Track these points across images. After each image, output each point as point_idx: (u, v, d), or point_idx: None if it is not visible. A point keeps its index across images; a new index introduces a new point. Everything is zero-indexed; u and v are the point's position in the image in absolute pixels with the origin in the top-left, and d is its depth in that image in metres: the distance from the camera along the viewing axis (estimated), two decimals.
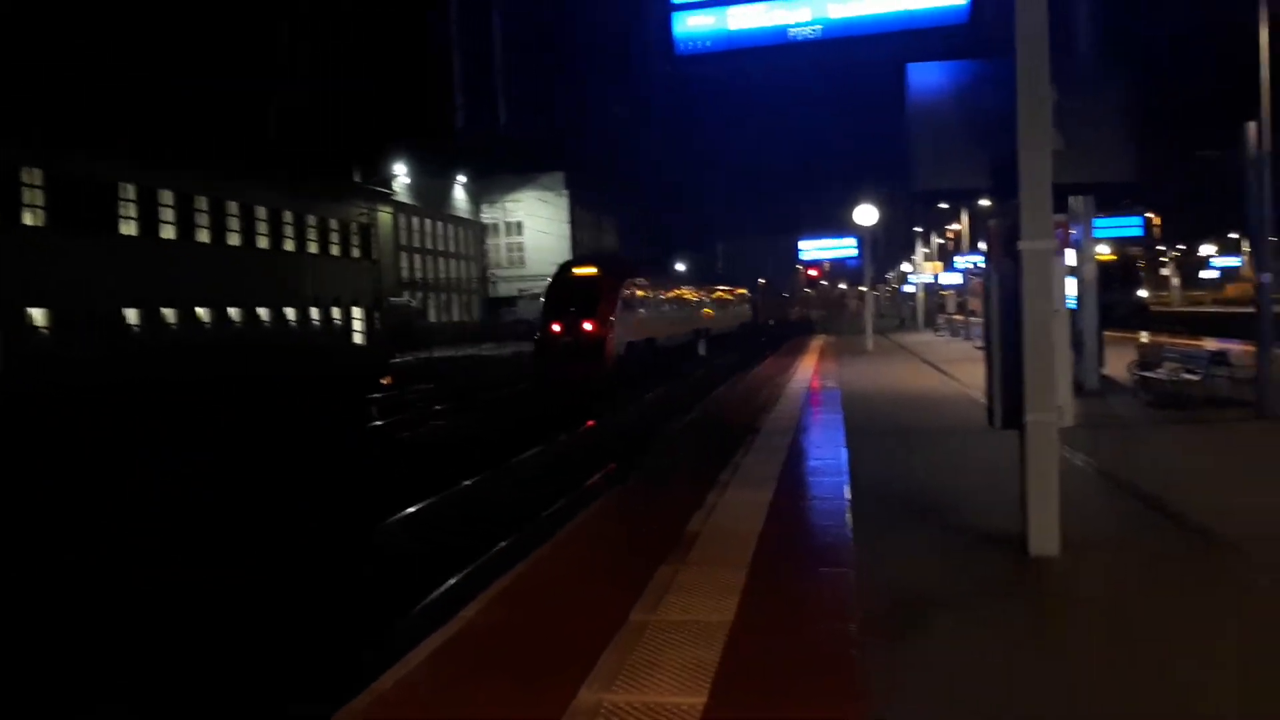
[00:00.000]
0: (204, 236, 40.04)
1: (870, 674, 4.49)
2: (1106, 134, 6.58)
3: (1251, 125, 11.56)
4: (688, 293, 46.88)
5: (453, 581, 10.30)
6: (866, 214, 30.81)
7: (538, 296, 71.61)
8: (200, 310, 39.04)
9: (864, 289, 36.85)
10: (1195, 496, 7.78)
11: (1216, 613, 5.23)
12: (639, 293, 35.38)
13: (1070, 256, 14.60)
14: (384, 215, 59.89)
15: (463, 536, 12.00)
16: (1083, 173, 6.48)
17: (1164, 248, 79.20)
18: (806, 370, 24.13)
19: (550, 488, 14.85)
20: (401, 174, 61.73)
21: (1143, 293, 52.37)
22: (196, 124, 37.77)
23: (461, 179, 76.90)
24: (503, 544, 11.62)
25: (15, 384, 27.29)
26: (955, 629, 5.11)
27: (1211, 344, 16.29)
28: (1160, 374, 13.94)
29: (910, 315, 55.64)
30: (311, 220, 48.79)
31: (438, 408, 25.45)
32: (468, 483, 15.11)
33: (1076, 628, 5.18)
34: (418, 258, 68.34)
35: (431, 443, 19.34)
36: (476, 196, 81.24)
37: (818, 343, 39.12)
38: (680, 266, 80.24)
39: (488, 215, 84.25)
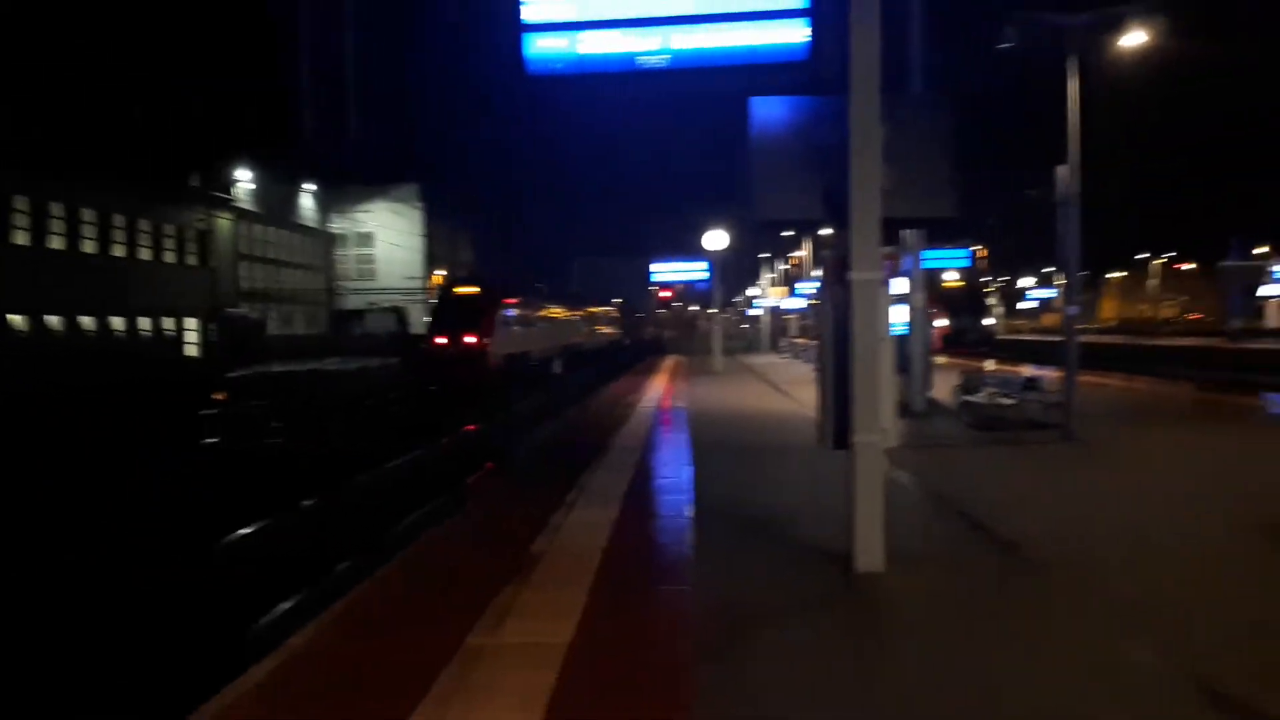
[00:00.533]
0: (21, 239, 37.13)
1: (703, 693, 4.59)
2: (931, 172, 6.99)
3: (1062, 169, 12.57)
4: (562, 311, 50.18)
5: (286, 606, 9.89)
6: (716, 239, 31.60)
7: (389, 310, 70.05)
8: (15, 318, 36.12)
9: (713, 311, 37.73)
10: (1007, 514, 8.33)
11: (1024, 624, 5.60)
12: (516, 310, 38.00)
13: (904, 284, 15.43)
14: (223, 222, 57.07)
15: (299, 559, 11.54)
16: (909, 208, 6.87)
17: (989, 278, 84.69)
18: (657, 390, 24.48)
19: (394, 508, 14.48)
20: (244, 180, 59.05)
21: (990, 320, 50.93)
22: (17, 120, 35.05)
23: (309, 187, 74.23)
24: (343, 566, 11.25)
25: None
26: (783, 646, 5.28)
27: (1027, 370, 17.53)
28: (980, 398, 14.89)
29: (756, 338, 57.34)
30: (144, 225, 45.99)
31: (275, 424, 24.38)
32: (307, 503, 14.55)
33: (897, 642, 5.42)
34: (259, 267, 65.44)
35: (267, 461, 18.51)
36: (325, 206, 78.51)
37: (669, 363, 39.74)
38: (537, 284, 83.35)
39: (337, 225, 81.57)
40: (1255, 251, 58.78)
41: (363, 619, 5.94)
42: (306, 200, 75.16)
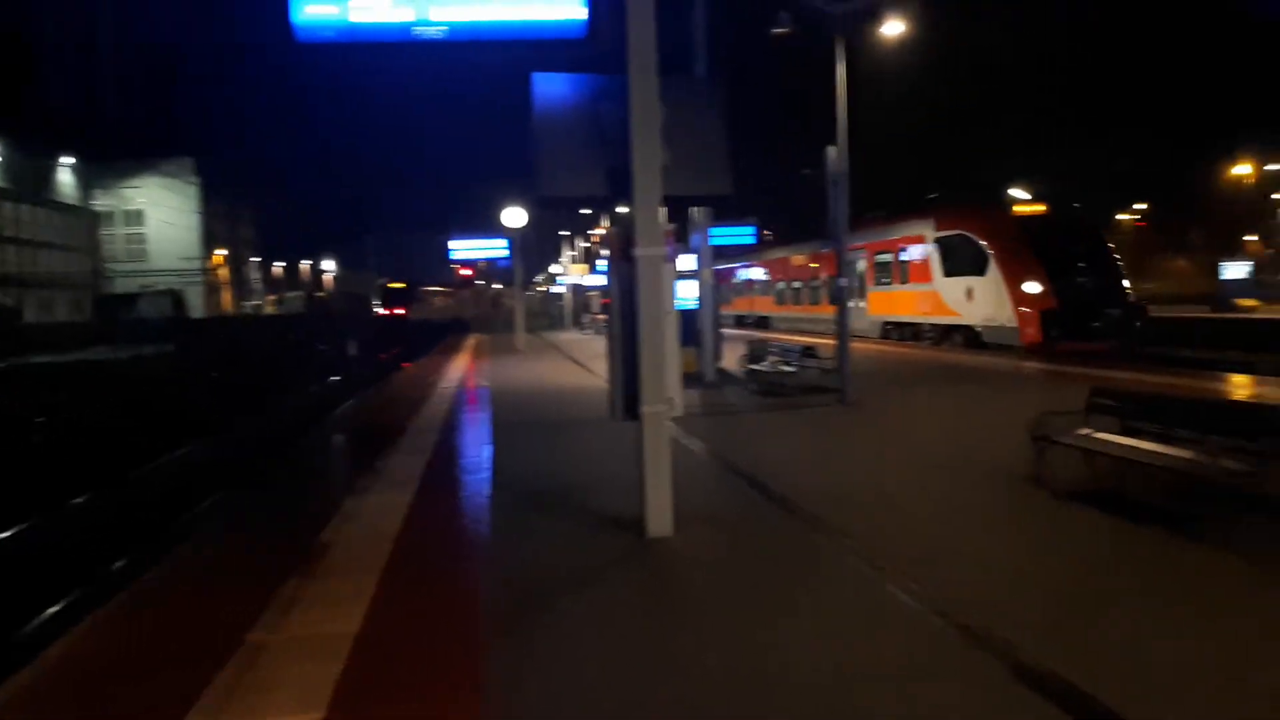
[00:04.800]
0: None
1: (495, 669, 4.62)
2: (709, 152, 7.25)
3: (831, 149, 13.32)
4: (451, 292, 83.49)
5: (51, 612, 9.18)
6: (515, 216, 31.35)
7: (164, 293, 65.09)
8: None
9: (515, 288, 37.52)
10: (785, 474, 8.84)
11: (799, 578, 5.96)
12: (424, 295, 75.23)
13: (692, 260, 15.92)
14: None
15: (66, 562, 10.69)
16: (689, 186, 7.09)
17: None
18: (460, 368, 24.15)
19: (173, 501, 13.64)
20: None
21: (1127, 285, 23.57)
22: None
23: (67, 161, 67.56)
24: (117, 564, 10.57)
25: None
26: (578, 616, 5.38)
27: (805, 340, 18.51)
28: (764, 366, 15.66)
29: (559, 314, 57.57)
30: None
31: (39, 420, 22.24)
32: (77, 501, 13.48)
33: (685, 602, 5.64)
34: (11, 249, 59.19)
35: (28, 459, 16.88)
36: (87, 182, 71.79)
37: (472, 341, 39.25)
38: (328, 262, 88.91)
39: (101, 203, 74.84)
40: None
41: (133, 621, 5.58)
42: (65, 176, 68.43)
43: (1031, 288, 21.72)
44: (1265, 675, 4.30)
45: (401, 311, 66.86)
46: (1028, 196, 23.72)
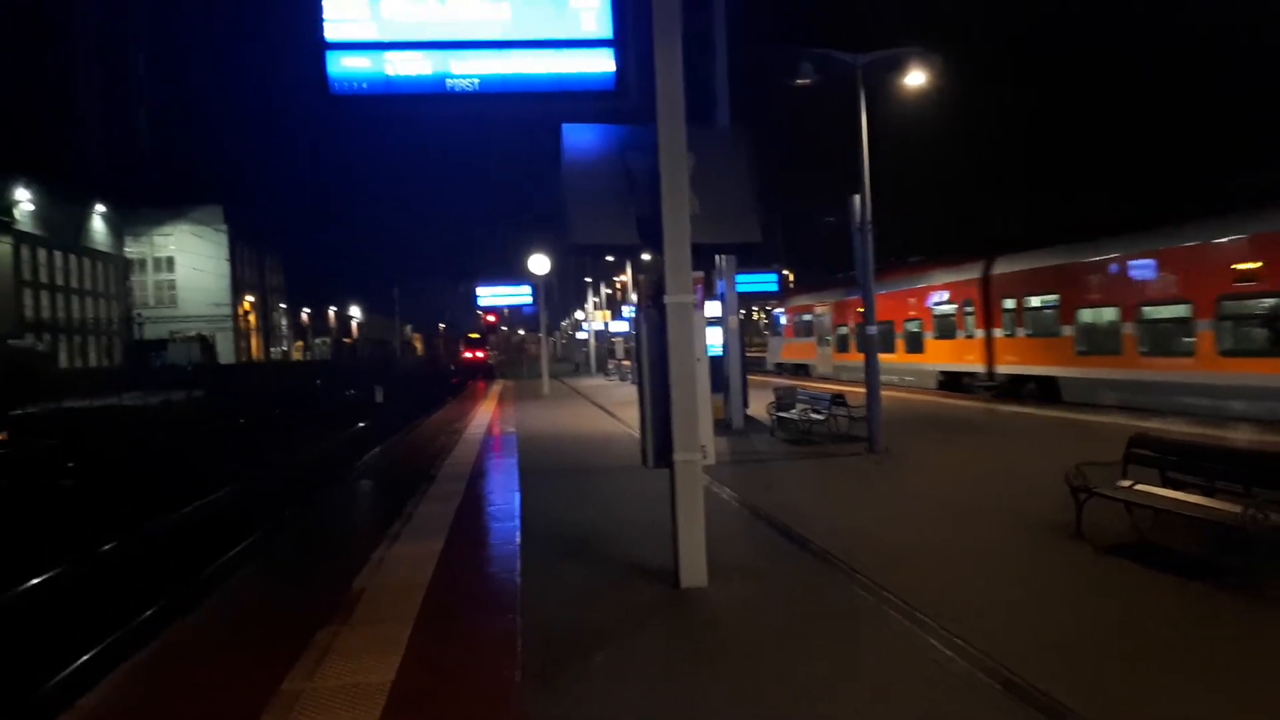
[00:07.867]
0: None
1: None
2: (737, 200, 7.27)
3: (856, 198, 13.36)
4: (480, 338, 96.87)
5: (84, 659, 9.17)
6: (540, 263, 31.62)
7: (193, 339, 66.07)
8: None
9: (541, 335, 37.67)
10: (818, 524, 8.73)
11: (837, 631, 5.87)
12: (493, 343, 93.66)
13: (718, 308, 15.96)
14: (0, 246, 52.21)
15: (100, 607, 10.71)
16: (717, 234, 7.11)
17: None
18: (485, 415, 24.20)
19: (204, 548, 13.66)
20: (25, 200, 54.20)
21: None
22: None
23: (100, 209, 69.00)
24: (148, 613, 10.56)
25: None
26: (612, 668, 5.32)
27: (834, 387, 18.38)
28: (793, 414, 15.57)
29: (584, 361, 57.68)
30: None
31: (68, 465, 22.46)
32: (106, 547, 13.52)
33: (721, 657, 5.55)
34: (45, 295, 60.29)
35: (58, 505, 17.02)
36: (119, 229, 73.21)
37: (497, 387, 39.37)
38: (354, 309, 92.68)
39: (132, 250, 76.24)
40: None
41: (166, 671, 5.57)
42: (98, 223, 69.87)
43: None
44: None
45: (481, 355, 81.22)
46: None
